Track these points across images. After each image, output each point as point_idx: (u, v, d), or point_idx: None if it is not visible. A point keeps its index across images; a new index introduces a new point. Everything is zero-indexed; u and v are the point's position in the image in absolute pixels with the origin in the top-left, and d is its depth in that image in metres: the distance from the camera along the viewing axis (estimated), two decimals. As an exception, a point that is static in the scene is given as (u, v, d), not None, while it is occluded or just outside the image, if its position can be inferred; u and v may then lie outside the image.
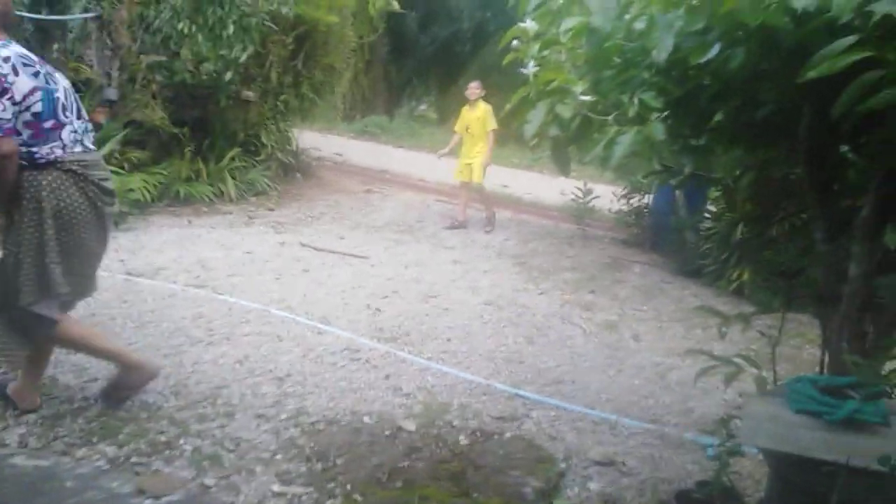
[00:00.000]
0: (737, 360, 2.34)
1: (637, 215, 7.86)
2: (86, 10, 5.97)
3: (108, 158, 5.93)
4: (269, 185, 7.87)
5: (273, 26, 7.36)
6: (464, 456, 2.73)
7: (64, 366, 3.03)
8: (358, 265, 5.52)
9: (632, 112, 1.72)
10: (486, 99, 7.60)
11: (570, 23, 1.82)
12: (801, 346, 4.76)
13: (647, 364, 4.10)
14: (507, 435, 2.97)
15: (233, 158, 7.54)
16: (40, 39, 5.84)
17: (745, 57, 1.65)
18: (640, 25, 1.72)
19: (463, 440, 2.85)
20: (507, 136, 16.23)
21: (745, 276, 5.72)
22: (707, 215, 6.70)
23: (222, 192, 7.19)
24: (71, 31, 6.05)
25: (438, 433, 2.89)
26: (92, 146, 2.56)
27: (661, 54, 1.62)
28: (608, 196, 8.03)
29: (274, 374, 3.26)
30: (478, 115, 7.39)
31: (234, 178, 7.41)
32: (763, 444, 1.98)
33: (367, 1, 8.91)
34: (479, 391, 3.39)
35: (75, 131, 2.43)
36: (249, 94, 7.62)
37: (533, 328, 4.48)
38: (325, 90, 9.13)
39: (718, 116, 2.06)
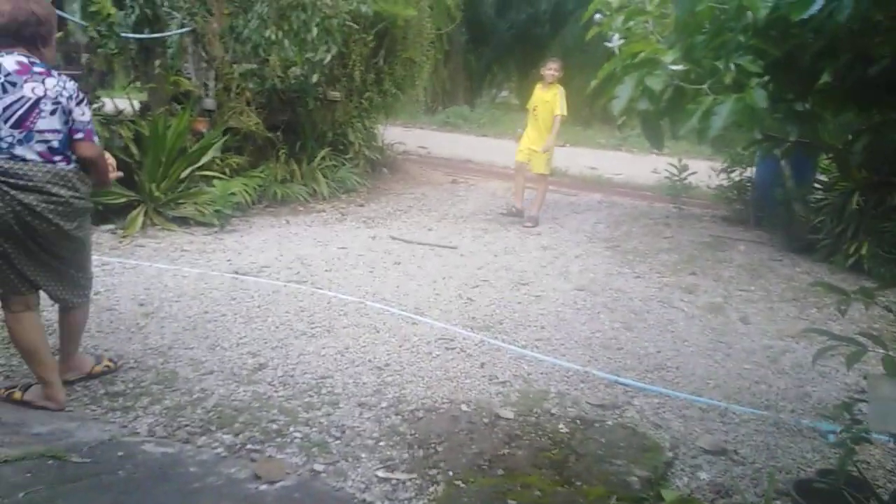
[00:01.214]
0: (860, 339, 2.16)
1: (739, 190, 7.43)
2: (181, 26, 6.34)
3: (210, 165, 6.33)
4: (358, 182, 8.08)
5: (354, 25, 7.52)
6: (564, 444, 2.69)
7: (182, 360, 3.26)
8: (447, 255, 5.56)
9: (728, 79, 1.61)
10: (567, 80, 7.25)
11: (655, -11, 1.72)
12: (933, 323, 4.34)
13: (758, 347, 3.88)
14: (609, 423, 2.90)
15: (323, 158, 7.80)
16: (144, 57, 6.26)
17: (854, 8, 1.50)
18: (732, -16, 1.61)
19: (562, 428, 2.82)
20: (592, 116, 15.86)
21: (864, 250, 5.29)
22: (817, 186, 6.23)
23: (315, 191, 7.45)
24: (170, 47, 6.45)
25: (537, 421, 2.87)
26: (28, 156, 2.54)
27: (757, 13, 1.50)
28: (705, 171, 7.64)
29: (373, 364, 3.35)
30: (548, 98, 6.77)
31: (325, 177, 7.66)
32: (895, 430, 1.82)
33: (442, -9, 8.92)
34: (577, 379, 3.33)
35: (1, 139, 2.52)
36: (335, 94, 7.84)
37: (630, 313, 4.34)
38: (407, 84, 9.23)
39: (825, 77, 1.89)
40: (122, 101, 6.42)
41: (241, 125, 6.79)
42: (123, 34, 5.85)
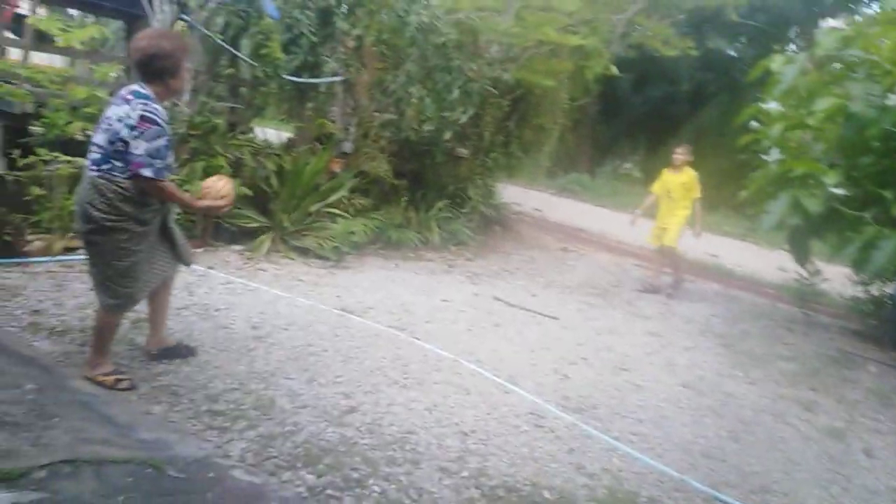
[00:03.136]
0: None
1: (876, 305, 6.77)
2: (334, 74, 6.87)
3: (336, 203, 6.70)
4: (469, 236, 8.22)
5: (493, 90, 7.79)
6: (649, 557, 2.50)
7: (281, 388, 3.40)
8: (548, 325, 5.46)
9: (895, 211, 1.50)
10: (698, 162, 7.27)
11: (823, 104, 1.65)
12: None
13: (882, 487, 3.45)
14: (701, 543, 2.67)
15: (440, 209, 8.03)
16: (298, 98, 6.83)
17: None
18: (908, 111, 1.51)
19: (649, 539, 2.63)
20: (720, 200, 15.23)
21: None
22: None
23: (427, 240, 7.66)
24: (321, 92, 6.99)
25: (622, 525, 2.70)
26: (93, 169, 2.90)
27: None
28: (840, 279, 7.04)
29: (459, 428, 3.32)
30: (682, 181, 7.12)
31: (439, 227, 7.87)
32: None
33: (584, 66, 9.04)
34: (671, 486, 3.11)
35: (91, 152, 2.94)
36: (463, 151, 8.11)
37: (738, 422, 4.03)
38: (533, 149, 9.37)
39: None
40: (270, 132, 7.00)
41: (371, 170, 7.16)
42: (285, 76, 6.42)
